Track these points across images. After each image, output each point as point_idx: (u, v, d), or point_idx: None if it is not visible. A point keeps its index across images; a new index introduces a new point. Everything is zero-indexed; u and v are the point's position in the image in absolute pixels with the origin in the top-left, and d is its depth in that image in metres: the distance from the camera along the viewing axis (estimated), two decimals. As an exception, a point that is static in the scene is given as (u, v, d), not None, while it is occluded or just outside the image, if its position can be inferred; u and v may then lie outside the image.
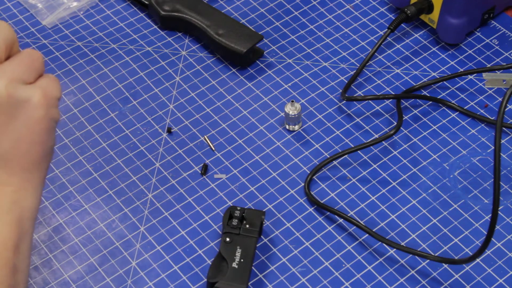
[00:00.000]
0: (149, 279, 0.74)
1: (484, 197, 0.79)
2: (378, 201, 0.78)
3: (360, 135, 0.84)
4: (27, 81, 0.58)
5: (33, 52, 0.60)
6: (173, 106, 0.87)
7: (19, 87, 0.57)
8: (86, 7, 0.97)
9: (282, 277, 0.73)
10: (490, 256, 0.74)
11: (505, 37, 0.92)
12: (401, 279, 0.73)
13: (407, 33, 0.93)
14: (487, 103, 0.86)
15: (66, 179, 0.81)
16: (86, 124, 0.86)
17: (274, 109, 0.86)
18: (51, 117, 0.60)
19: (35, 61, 0.60)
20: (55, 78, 0.61)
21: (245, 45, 0.88)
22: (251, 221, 0.74)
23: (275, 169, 0.81)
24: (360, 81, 0.89)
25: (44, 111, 0.60)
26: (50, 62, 0.92)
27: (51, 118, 0.60)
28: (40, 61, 0.60)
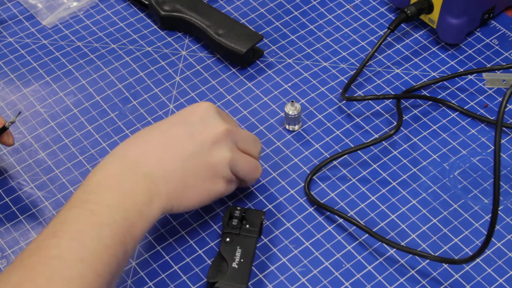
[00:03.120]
0: (149, 279, 0.74)
1: (484, 197, 0.79)
2: (378, 201, 0.78)
3: (360, 135, 0.84)
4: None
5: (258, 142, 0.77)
6: (173, 106, 0.87)
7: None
8: (86, 7, 0.97)
9: (282, 277, 0.73)
10: (490, 256, 0.74)
11: (505, 37, 0.92)
12: (401, 279, 0.73)
13: (407, 33, 0.93)
14: (487, 103, 0.86)
15: (66, 179, 0.81)
16: (86, 124, 0.86)
17: (274, 109, 0.86)
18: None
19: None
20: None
21: (245, 45, 0.88)
22: (251, 221, 0.74)
23: (275, 169, 0.81)
24: (360, 81, 0.89)
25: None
26: (50, 62, 0.92)
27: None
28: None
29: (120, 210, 0.64)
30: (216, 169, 0.70)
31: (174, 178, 0.68)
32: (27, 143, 0.84)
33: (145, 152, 0.68)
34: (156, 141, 0.69)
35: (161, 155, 0.68)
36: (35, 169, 0.82)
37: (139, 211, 0.65)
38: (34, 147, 0.84)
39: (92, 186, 0.65)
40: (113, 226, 0.63)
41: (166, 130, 0.70)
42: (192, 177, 0.69)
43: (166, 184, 0.67)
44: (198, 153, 0.69)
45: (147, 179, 0.66)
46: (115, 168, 0.67)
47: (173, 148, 0.69)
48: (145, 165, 0.67)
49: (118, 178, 0.66)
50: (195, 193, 0.70)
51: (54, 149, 0.84)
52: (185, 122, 0.71)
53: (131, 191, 0.65)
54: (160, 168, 0.68)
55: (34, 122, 0.86)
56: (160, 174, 0.67)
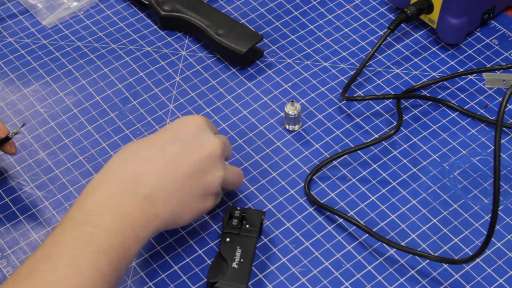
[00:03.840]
0: (149, 279, 0.74)
1: (484, 197, 0.79)
2: (378, 201, 0.78)
3: (360, 135, 0.84)
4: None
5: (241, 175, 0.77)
6: (173, 106, 0.87)
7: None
8: (86, 7, 0.97)
9: (282, 277, 0.73)
10: (490, 256, 0.74)
11: (505, 37, 0.92)
12: (401, 279, 0.73)
13: (407, 33, 0.93)
14: (487, 103, 0.86)
15: (66, 179, 0.81)
16: (86, 124, 0.86)
17: (274, 109, 0.86)
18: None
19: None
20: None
21: (245, 45, 0.88)
22: (251, 221, 0.74)
23: (275, 169, 0.81)
24: (360, 81, 0.89)
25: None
26: (50, 62, 0.92)
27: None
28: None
29: (118, 234, 0.63)
30: (209, 188, 0.70)
31: (173, 199, 0.67)
32: (27, 143, 0.84)
33: (146, 171, 0.67)
34: (156, 159, 0.68)
35: (162, 176, 0.67)
36: (35, 169, 0.82)
37: (136, 235, 0.64)
38: (34, 147, 0.84)
39: (92, 206, 0.64)
40: (110, 252, 0.61)
41: (164, 147, 0.69)
42: (188, 197, 0.69)
43: (165, 205, 0.67)
44: (196, 173, 0.69)
45: (147, 200, 0.65)
46: (115, 187, 0.65)
47: (174, 169, 0.68)
48: (146, 185, 0.66)
49: (118, 200, 0.65)
50: (189, 212, 0.69)
51: (54, 149, 0.84)
52: (180, 139, 0.70)
53: (130, 214, 0.64)
54: (161, 189, 0.67)
55: (34, 122, 0.86)
56: (160, 196, 0.66)
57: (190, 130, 0.71)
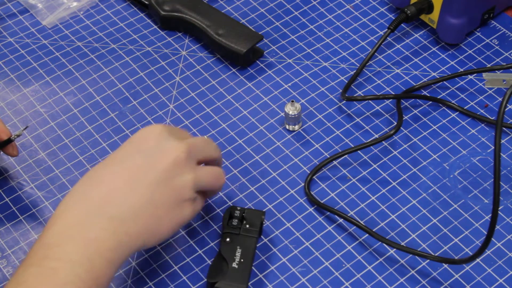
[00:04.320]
0: (149, 279, 0.74)
1: (484, 197, 0.79)
2: (378, 201, 0.78)
3: (360, 135, 0.84)
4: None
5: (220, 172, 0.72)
6: (173, 106, 0.87)
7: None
8: (86, 7, 0.97)
9: (282, 277, 0.73)
10: (490, 256, 0.74)
11: (505, 37, 0.92)
12: (401, 279, 0.73)
13: (407, 33, 0.93)
14: (487, 103, 0.86)
15: (66, 179, 0.81)
16: (86, 124, 0.86)
17: (274, 109, 0.86)
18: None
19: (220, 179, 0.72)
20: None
21: (245, 45, 0.88)
22: (251, 221, 0.74)
23: (275, 169, 0.81)
24: (360, 81, 0.89)
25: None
26: (50, 62, 0.92)
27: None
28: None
29: (84, 263, 0.60)
30: (181, 194, 0.67)
31: (143, 214, 0.64)
32: (27, 143, 0.84)
33: (108, 191, 0.64)
34: (117, 177, 0.65)
35: (127, 192, 0.64)
36: (35, 169, 0.82)
37: (106, 259, 0.61)
38: (34, 147, 0.84)
39: (53, 238, 0.61)
40: (78, 283, 0.59)
41: (123, 162, 0.66)
42: (161, 209, 0.65)
43: (135, 222, 0.63)
44: (163, 182, 0.65)
45: (114, 221, 0.62)
46: (77, 214, 0.62)
47: (138, 183, 0.65)
48: (111, 205, 0.63)
49: (81, 226, 0.62)
50: (166, 224, 0.66)
51: (54, 149, 0.84)
52: (140, 150, 0.66)
53: (96, 239, 0.61)
54: (127, 206, 0.63)
55: (34, 122, 0.86)
56: (128, 214, 0.63)
57: (150, 140, 0.67)
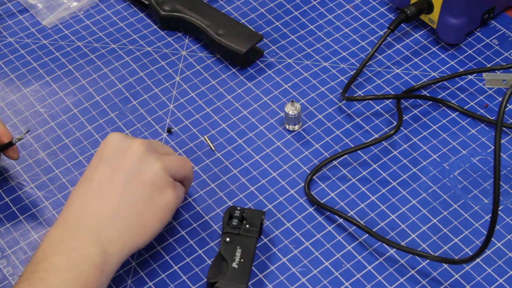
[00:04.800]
0: (149, 279, 0.74)
1: (484, 197, 0.79)
2: (378, 201, 0.78)
3: (360, 135, 0.84)
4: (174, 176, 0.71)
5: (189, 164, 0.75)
6: (173, 106, 0.87)
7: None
8: (86, 7, 0.97)
9: (282, 277, 0.73)
10: (490, 256, 0.74)
11: (505, 37, 0.92)
12: (401, 279, 0.73)
13: (407, 33, 0.93)
14: (487, 103, 0.86)
15: (66, 179, 0.81)
16: (86, 124, 0.86)
17: (274, 109, 0.86)
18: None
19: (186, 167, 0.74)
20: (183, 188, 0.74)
21: (245, 45, 0.88)
22: (251, 221, 0.74)
23: (275, 169, 0.81)
24: (360, 81, 0.89)
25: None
26: (50, 62, 0.92)
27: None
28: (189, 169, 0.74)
29: (70, 269, 0.62)
30: (156, 183, 0.68)
31: (122, 216, 0.67)
32: (27, 143, 0.84)
33: (82, 205, 0.67)
34: (88, 191, 0.68)
35: (98, 202, 0.67)
36: (35, 169, 0.82)
37: (94, 265, 0.63)
38: (34, 147, 0.84)
39: (40, 256, 0.64)
40: (66, 287, 0.61)
41: (91, 176, 0.69)
42: (138, 204, 0.67)
43: (116, 226, 0.66)
44: (132, 179, 0.68)
45: (93, 230, 0.65)
46: (58, 232, 0.66)
47: (107, 189, 0.67)
48: (86, 217, 0.66)
49: (63, 240, 0.65)
50: (150, 217, 0.68)
51: (54, 149, 0.84)
52: (103, 159, 0.69)
53: (78, 247, 0.64)
54: (102, 214, 0.66)
55: (34, 122, 0.86)
56: (104, 220, 0.66)
57: (109, 148, 0.70)
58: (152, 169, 0.69)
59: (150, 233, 0.68)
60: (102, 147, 0.71)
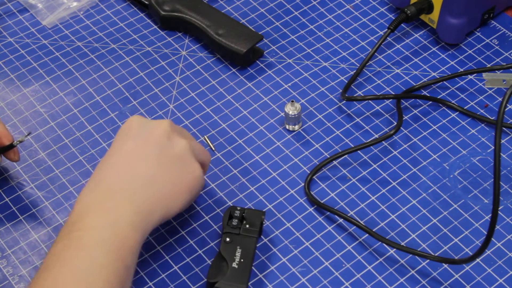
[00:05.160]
0: (149, 279, 0.74)
1: (484, 197, 0.79)
2: (378, 201, 0.78)
3: (360, 135, 0.84)
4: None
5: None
6: (173, 106, 0.87)
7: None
8: (86, 7, 0.97)
9: (282, 277, 0.73)
10: (490, 256, 0.74)
11: (505, 37, 0.92)
12: (401, 279, 0.73)
13: (407, 33, 0.93)
14: (487, 103, 0.86)
15: (66, 179, 0.81)
16: (86, 124, 0.86)
17: (274, 109, 0.86)
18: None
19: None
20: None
21: (245, 45, 0.88)
22: (251, 221, 0.74)
23: (275, 169, 0.81)
24: (360, 81, 0.89)
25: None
26: (50, 62, 0.92)
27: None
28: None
29: (107, 228, 0.63)
30: (185, 157, 0.71)
31: (155, 182, 0.68)
32: (27, 143, 0.84)
33: (115, 172, 0.68)
34: (120, 160, 0.69)
35: (132, 169, 0.68)
36: (35, 169, 0.82)
37: (130, 223, 0.65)
38: (34, 147, 0.84)
39: (74, 217, 0.65)
40: (104, 244, 0.62)
41: (120, 149, 0.70)
42: (172, 173, 0.69)
43: (150, 191, 0.67)
44: (161, 153, 0.70)
45: (127, 192, 0.67)
46: (91, 195, 0.67)
47: (139, 159, 0.69)
48: (120, 181, 0.67)
49: (97, 201, 0.66)
50: (183, 186, 0.70)
51: (54, 149, 0.84)
52: (129, 136, 0.71)
53: (114, 207, 0.65)
54: (136, 179, 0.68)
55: (34, 122, 0.86)
56: (138, 185, 0.67)
57: (133, 127, 0.72)
58: (180, 145, 0.71)
59: (181, 202, 0.70)
60: (125, 127, 0.72)
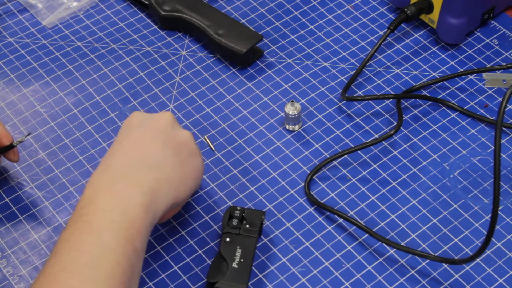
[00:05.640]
0: (149, 279, 0.74)
1: (484, 197, 0.79)
2: (378, 201, 0.78)
3: (360, 135, 0.84)
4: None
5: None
6: (173, 106, 0.87)
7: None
8: (86, 7, 0.97)
9: (282, 277, 0.73)
10: (490, 256, 0.74)
11: (505, 37, 0.92)
12: (401, 279, 0.73)
13: (407, 33, 0.93)
14: (487, 103, 0.86)
15: (66, 179, 0.81)
16: (86, 124, 0.86)
17: (274, 109, 0.86)
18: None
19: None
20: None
21: (245, 45, 0.88)
22: (251, 221, 0.74)
23: (275, 169, 0.81)
24: (360, 81, 0.89)
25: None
26: (50, 62, 0.92)
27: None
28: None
29: (116, 210, 0.63)
30: (189, 146, 0.72)
31: (164, 166, 0.69)
32: (27, 143, 0.84)
33: (124, 155, 0.69)
34: (128, 145, 0.70)
35: (141, 153, 0.69)
36: (35, 169, 0.82)
37: (139, 203, 0.64)
38: (34, 147, 0.84)
39: (84, 202, 0.65)
40: (113, 226, 0.62)
41: (127, 137, 0.71)
42: (179, 159, 0.70)
43: (159, 174, 0.67)
44: (168, 139, 0.71)
45: (137, 175, 0.67)
46: (101, 178, 0.67)
47: (147, 144, 0.70)
48: (129, 165, 0.68)
49: (107, 184, 0.66)
50: (190, 172, 0.71)
51: (54, 149, 0.84)
52: (132, 128, 0.72)
53: (122, 189, 0.65)
54: (146, 162, 0.68)
55: (34, 122, 0.86)
56: (148, 167, 0.67)
57: (136, 118, 0.73)
58: (184, 135, 0.72)
59: (189, 187, 0.71)
60: (128, 121, 0.73)
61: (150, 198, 0.65)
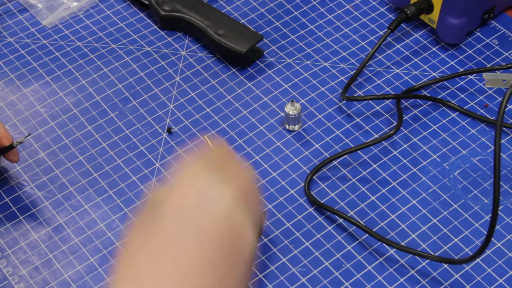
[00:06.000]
0: (149, 279, 0.74)
1: (484, 197, 0.79)
2: (378, 201, 0.78)
3: (360, 135, 0.84)
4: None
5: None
6: (173, 106, 0.87)
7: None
8: (86, 7, 0.97)
9: (282, 277, 0.73)
10: (490, 256, 0.74)
11: (505, 37, 0.92)
12: (401, 279, 0.73)
13: (407, 33, 0.93)
14: (487, 103, 0.86)
15: (66, 179, 0.81)
16: (86, 124, 0.86)
17: (274, 109, 0.86)
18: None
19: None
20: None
21: (245, 45, 0.88)
22: (251, 221, 0.74)
23: (275, 169, 0.81)
24: (360, 81, 0.89)
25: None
26: (50, 62, 0.92)
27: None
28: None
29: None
30: (248, 257, 0.55)
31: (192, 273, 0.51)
32: (27, 143, 0.84)
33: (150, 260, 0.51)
34: (157, 248, 0.51)
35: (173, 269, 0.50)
36: (35, 169, 0.82)
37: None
38: (34, 147, 0.84)
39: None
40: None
41: (157, 226, 0.51)
42: (226, 279, 0.53)
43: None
44: (219, 249, 0.52)
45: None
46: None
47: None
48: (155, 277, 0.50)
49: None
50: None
51: (54, 149, 0.84)
52: (182, 222, 0.52)
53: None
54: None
55: (34, 122, 0.86)
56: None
57: (190, 196, 0.54)
58: (247, 241, 0.56)
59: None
60: (181, 189, 0.55)
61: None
